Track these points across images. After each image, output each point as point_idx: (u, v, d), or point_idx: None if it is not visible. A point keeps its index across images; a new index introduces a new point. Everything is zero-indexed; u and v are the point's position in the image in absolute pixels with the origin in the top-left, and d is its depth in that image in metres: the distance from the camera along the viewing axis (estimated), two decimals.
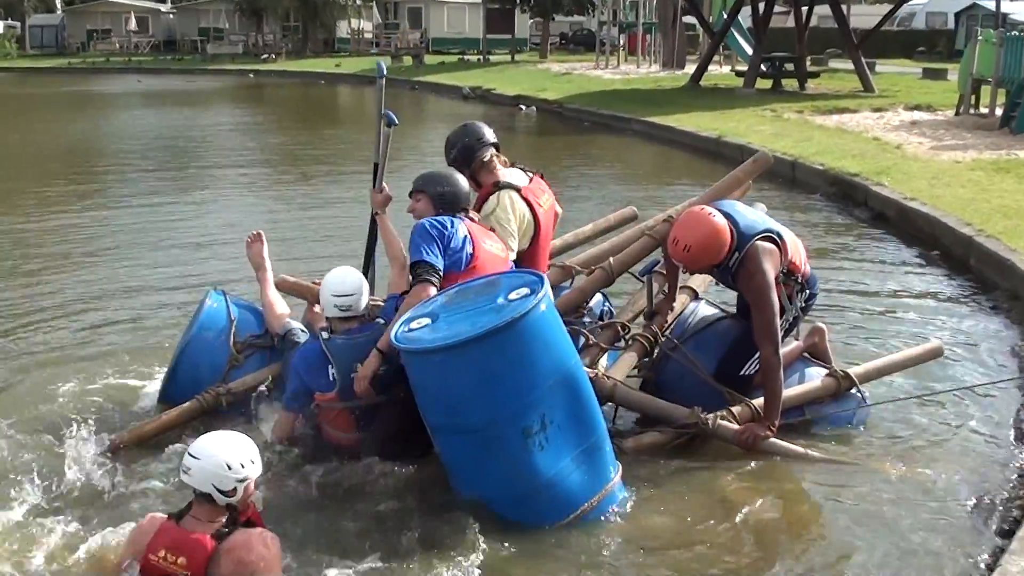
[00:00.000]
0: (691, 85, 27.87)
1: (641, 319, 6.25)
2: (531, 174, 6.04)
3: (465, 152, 5.93)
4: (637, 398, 5.83)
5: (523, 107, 27.98)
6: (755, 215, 5.79)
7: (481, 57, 47.32)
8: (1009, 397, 6.50)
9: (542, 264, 6.05)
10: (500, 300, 4.76)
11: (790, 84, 26.18)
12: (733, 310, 6.22)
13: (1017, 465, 5.56)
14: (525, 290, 4.77)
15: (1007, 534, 4.66)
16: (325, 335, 5.39)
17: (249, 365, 6.05)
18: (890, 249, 10.83)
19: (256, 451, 4.19)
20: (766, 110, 21.29)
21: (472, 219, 5.56)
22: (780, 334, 5.53)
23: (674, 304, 6.17)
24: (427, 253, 5.22)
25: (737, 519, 4.98)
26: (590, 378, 5.16)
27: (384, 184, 6.23)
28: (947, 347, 6.84)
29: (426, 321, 4.82)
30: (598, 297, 6.36)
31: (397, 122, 6.31)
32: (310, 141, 22.57)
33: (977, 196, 11.58)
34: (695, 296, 6.35)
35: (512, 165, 6.04)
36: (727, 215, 5.57)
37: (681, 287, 6.26)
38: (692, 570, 4.59)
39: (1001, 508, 5.06)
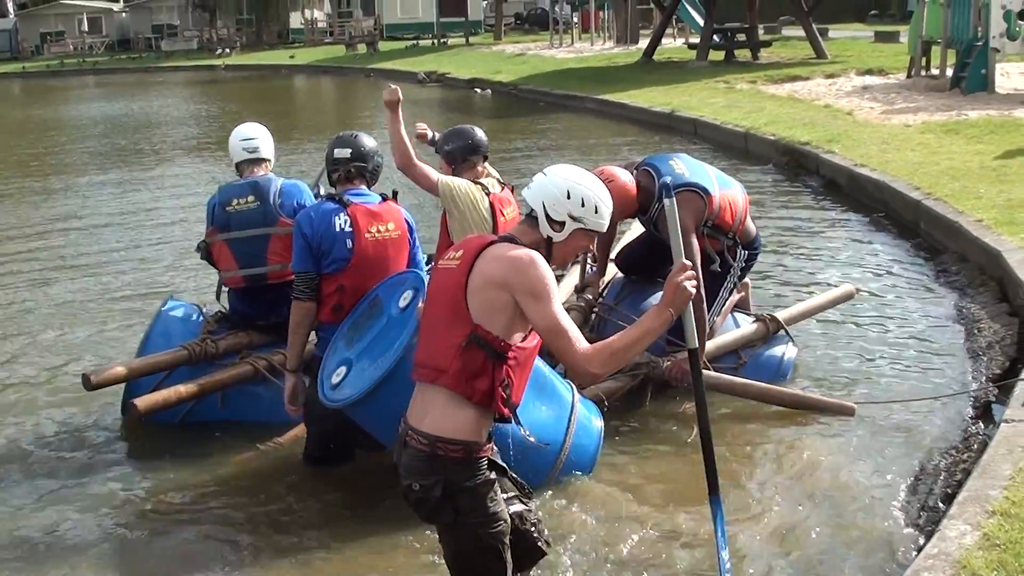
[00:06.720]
0: (644, 60, 27.81)
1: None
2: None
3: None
4: None
5: (478, 90, 27.89)
6: (692, 169, 5.88)
7: (436, 41, 47.07)
8: (955, 362, 6.58)
9: None
10: (393, 312, 4.80)
11: (743, 54, 26.16)
12: None
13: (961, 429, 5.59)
14: (409, 294, 4.78)
15: (948, 499, 4.66)
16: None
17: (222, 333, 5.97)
18: (840, 217, 10.82)
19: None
20: (719, 82, 21.28)
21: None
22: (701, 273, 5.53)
23: (604, 278, 6.41)
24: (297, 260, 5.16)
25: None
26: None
27: None
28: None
29: (343, 371, 4.82)
30: None
31: None
32: None
33: (926, 159, 11.60)
34: None
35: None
36: (653, 167, 5.76)
37: (610, 260, 6.47)
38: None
39: (944, 473, 5.09)
